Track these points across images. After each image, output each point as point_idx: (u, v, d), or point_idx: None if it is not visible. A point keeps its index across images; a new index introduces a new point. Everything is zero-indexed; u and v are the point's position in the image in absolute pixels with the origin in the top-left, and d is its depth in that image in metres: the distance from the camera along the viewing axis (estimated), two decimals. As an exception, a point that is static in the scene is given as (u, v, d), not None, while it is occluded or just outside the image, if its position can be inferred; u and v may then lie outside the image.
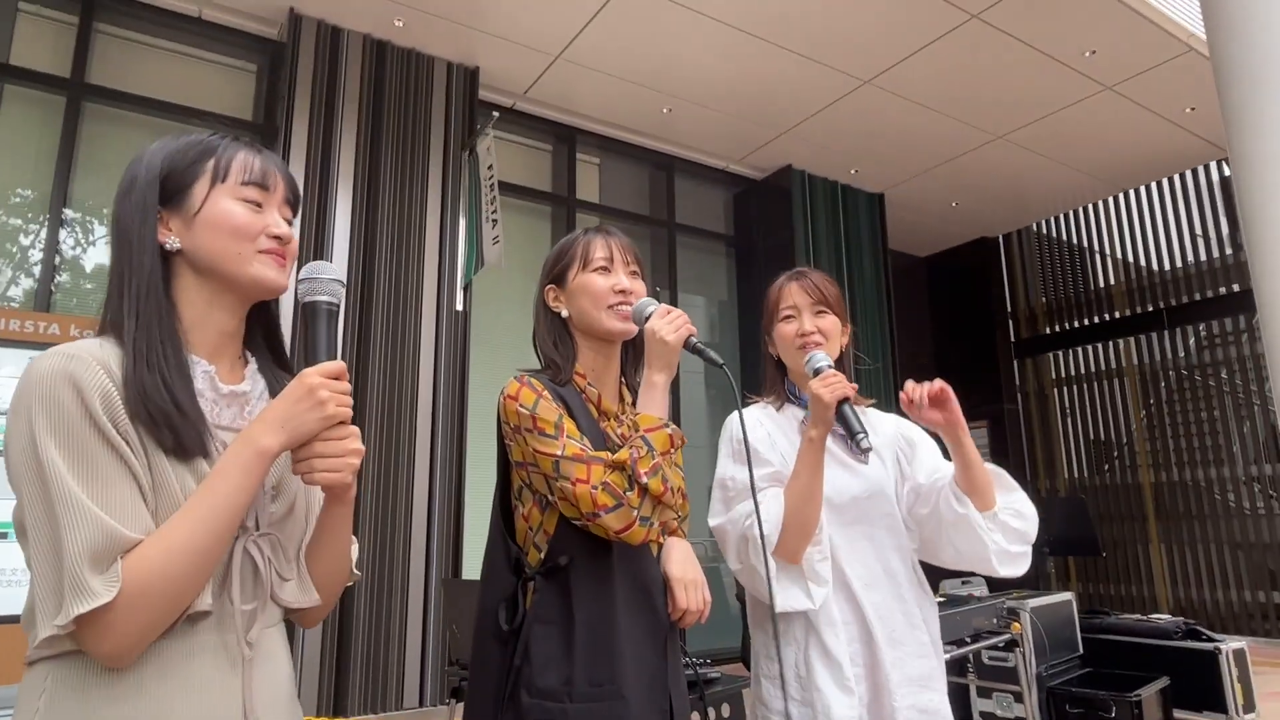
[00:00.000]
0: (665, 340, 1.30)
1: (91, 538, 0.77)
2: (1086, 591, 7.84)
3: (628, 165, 6.87)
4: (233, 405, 0.96)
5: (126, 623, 0.78)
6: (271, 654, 0.94)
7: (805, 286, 1.66)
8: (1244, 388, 7.17)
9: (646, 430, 1.26)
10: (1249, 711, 4.05)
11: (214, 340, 0.96)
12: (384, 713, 4.63)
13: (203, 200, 0.94)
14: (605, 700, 1.18)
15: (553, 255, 1.45)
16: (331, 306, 0.96)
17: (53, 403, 0.80)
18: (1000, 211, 8.09)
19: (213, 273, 0.94)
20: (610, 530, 1.20)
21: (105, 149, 4.74)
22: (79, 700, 0.80)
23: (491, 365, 5.57)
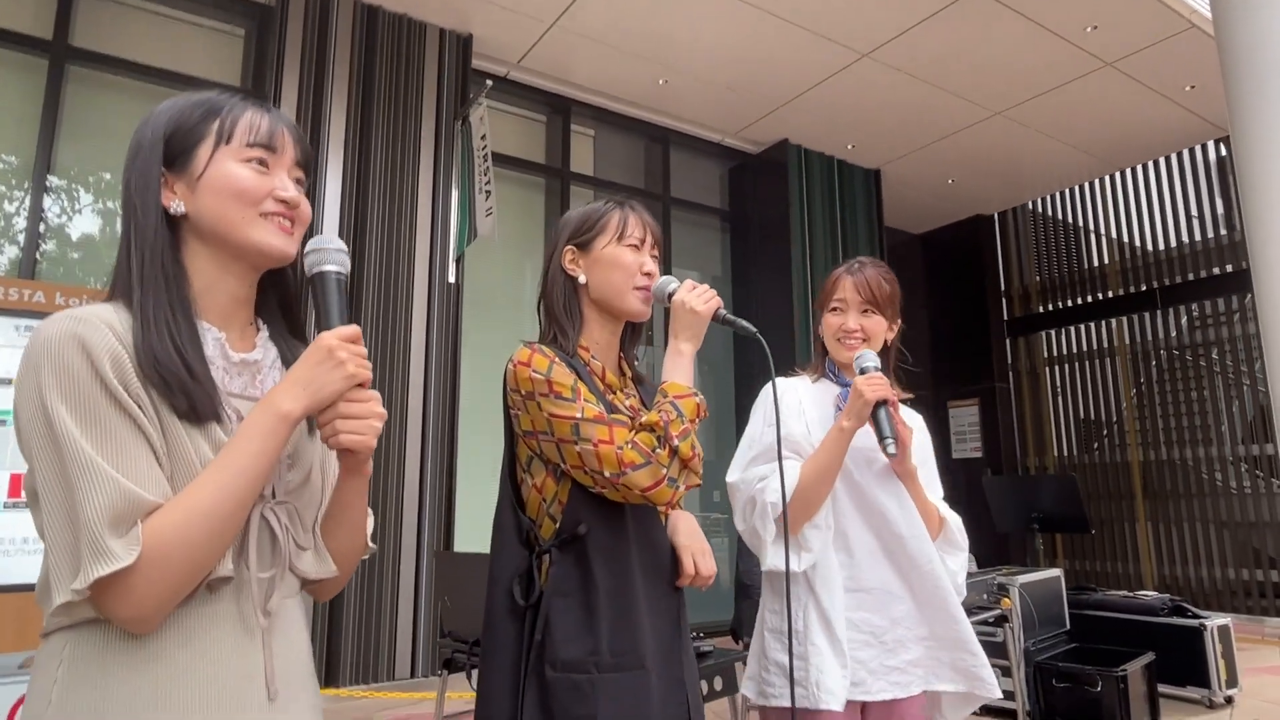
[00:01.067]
0: (695, 310, 1.32)
1: (110, 501, 0.75)
2: (1074, 568, 7.93)
3: (622, 137, 6.79)
4: (244, 373, 0.94)
5: (148, 587, 0.76)
6: (290, 625, 0.92)
7: (858, 283, 1.71)
8: (1234, 368, 7.21)
9: (676, 397, 1.26)
10: (1232, 686, 4.11)
11: (225, 307, 0.94)
12: (375, 683, 4.65)
13: (206, 162, 0.91)
14: (629, 670, 1.19)
15: (578, 218, 1.40)
16: (340, 276, 0.95)
17: (62, 366, 0.78)
18: (996, 189, 8.06)
19: (217, 238, 0.91)
20: (638, 487, 1.18)
21: (90, 114, 4.64)
22: (98, 669, 0.79)
23: (484, 337, 5.54)
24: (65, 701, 0.78)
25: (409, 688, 4.67)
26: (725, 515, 6.77)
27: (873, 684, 1.56)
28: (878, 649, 1.58)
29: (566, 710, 1.14)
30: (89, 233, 4.65)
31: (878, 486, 1.65)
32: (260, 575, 0.87)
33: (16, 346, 3.20)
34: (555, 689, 1.15)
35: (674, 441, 1.20)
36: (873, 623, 1.59)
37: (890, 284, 1.75)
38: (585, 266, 1.37)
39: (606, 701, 1.15)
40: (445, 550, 4.87)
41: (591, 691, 1.15)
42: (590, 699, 1.15)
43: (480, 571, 2.65)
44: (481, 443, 5.29)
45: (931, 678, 1.62)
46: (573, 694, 1.15)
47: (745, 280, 7.09)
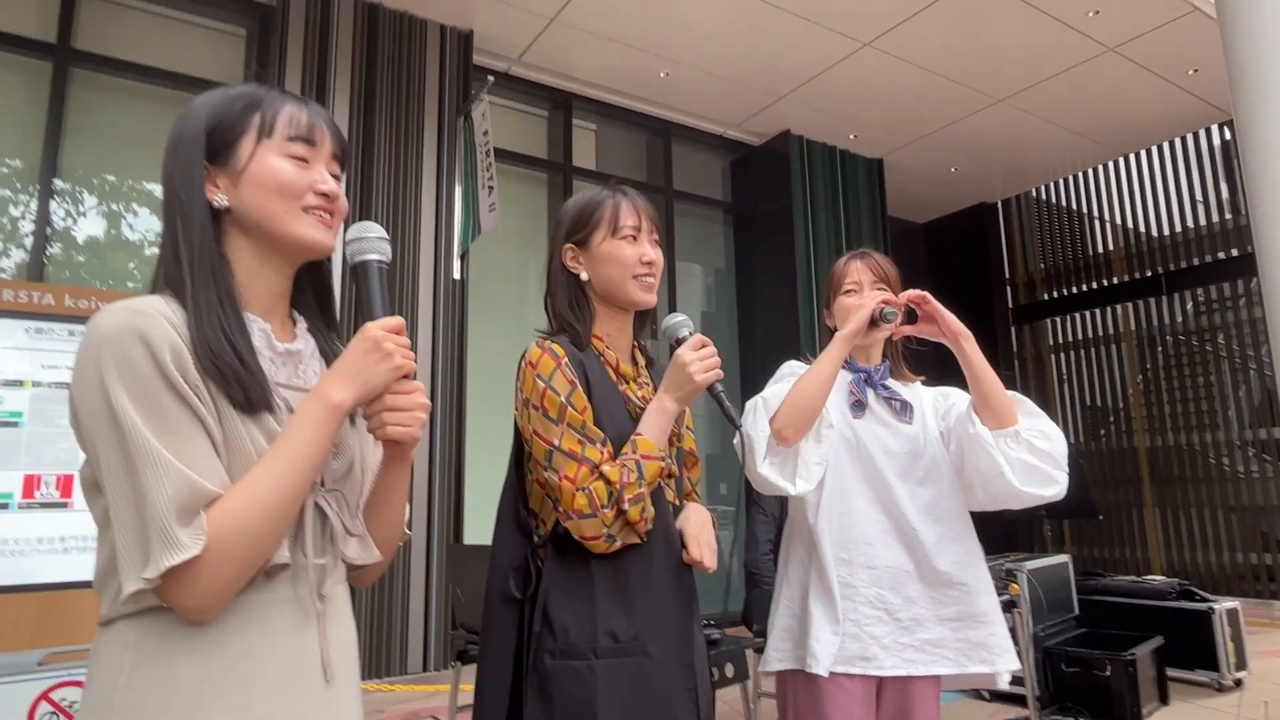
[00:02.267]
0: (693, 377, 1.30)
1: (176, 491, 0.77)
2: (1082, 554, 7.93)
3: (624, 131, 6.79)
4: (288, 364, 0.95)
5: (212, 576, 0.78)
6: (341, 609, 0.94)
7: (869, 265, 1.80)
8: (1240, 352, 7.19)
9: (643, 456, 1.25)
10: (1241, 669, 4.12)
11: (266, 299, 0.95)
12: (388, 677, 4.69)
13: (249, 157, 0.92)
14: (631, 655, 1.20)
15: (572, 214, 1.40)
16: (382, 265, 0.96)
17: (123, 358, 0.79)
18: (1000, 177, 8.04)
19: (259, 231, 0.93)
20: (578, 533, 1.22)
21: (94, 117, 4.66)
22: (164, 656, 0.80)
23: (490, 333, 5.56)
24: (134, 688, 0.79)
25: (422, 681, 4.71)
26: (733, 507, 6.79)
27: (885, 660, 1.58)
28: (891, 625, 1.60)
29: (566, 695, 1.16)
30: (95, 235, 4.67)
31: (895, 476, 1.66)
32: (316, 561, 0.89)
33: (25, 349, 3.22)
34: (555, 676, 1.17)
35: (624, 505, 1.21)
36: (887, 600, 1.60)
37: (894, 267, 1.85)
38: (586, 263, 1.39)
39: (605, 686, 1.17)
40: (455, 543, 4.90)
41: (590, 676, 1.17)
42: (589, 683, 1.16)
43: (491, 564, 2.68)
44: (489, 436, 5.32)
45: (950, 660, 1.62)
46: (571, 680, 1.17)
47: (749, 272, 7.09)
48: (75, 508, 3.18)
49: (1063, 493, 1.60)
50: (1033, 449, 1.58)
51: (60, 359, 3.25)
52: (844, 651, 1.57)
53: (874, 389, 1.75)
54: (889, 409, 1.73)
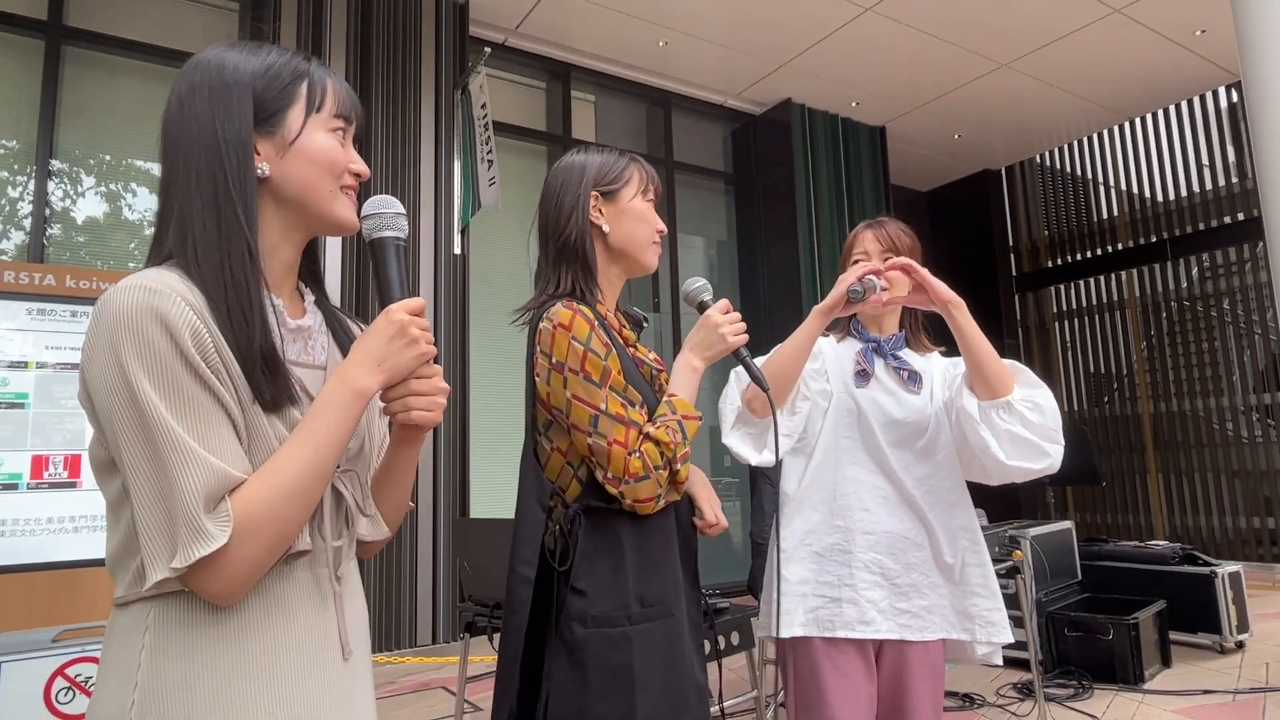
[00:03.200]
0: (725, 338, 1.34)
1: (204, 480, 0.76)
2: (1085, 521, 7.97)
3: (624, 102, 6.72)
4: (298, 340, 0.94)
5: (238, 563, 0.77)
6: (354, 588, 0.95)
7: (878, 235, 1.76)
8: (1245, 317, 7.16)
9: (684, 417, 1.27)
10: (1243, 632, 4.15)
11: (279, 273, 0.93)
12: (399, 650, 4.75)
13: (300, 128, 0.89)
14: (659, 619, 1.22)
15: (597, 166, 1.36)
16: (399, 241, 0.95)
17: (143, 340, 0.77)
18: (1003, 143, 7.96)
19: (296, 205, 0.91)
20: (634, 497, 1.20)
21: (88, 96, 4.62)
22: (184, 641, 0.80)
23: (492, 307, 5.55)
24: (154, 671, 0.79)
25: (432, 653, 4.77)
26: (737, 479, 6.82)
27: (881, 623, 1.59)
28: (888, 590, 1.61)
29: (601, 662, 1.16)
30: (94, 216, 4.66)
31: (895, 444, 1.66)
32: (334, 544, 0.89)
33: (28, 330, 3.22)
34: (588, 645, 1.16)
35: (676, 465, 1.23)
36: (884, 564, 1.61)
37: (910, 237, 1.79)
38: (609, 216, 1.35)
39: (640, 650, 1.18)
40: (462, 517, 4.94)
41: (626, 643, 1.17)
42: (624, 649, 1.17)
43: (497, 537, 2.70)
44: (493, 411, 5.33)
45: (947, 625, 1.64)
46: (607, 646, 1.17)
47: (751, 243, 7.05)
48: (84, 487, 3.20)
49: (1055, 465, 1.56)
50: (1025, 421, 1.55)
51: (63, 340, 3.25)
52: (842, 616, 1.58)
53: (883, 358, 1.74)
54: (896, 378, 1.72)
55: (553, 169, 1.41)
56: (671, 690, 1.21)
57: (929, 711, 1.62)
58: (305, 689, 0.84)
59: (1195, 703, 3.42)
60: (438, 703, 3.83)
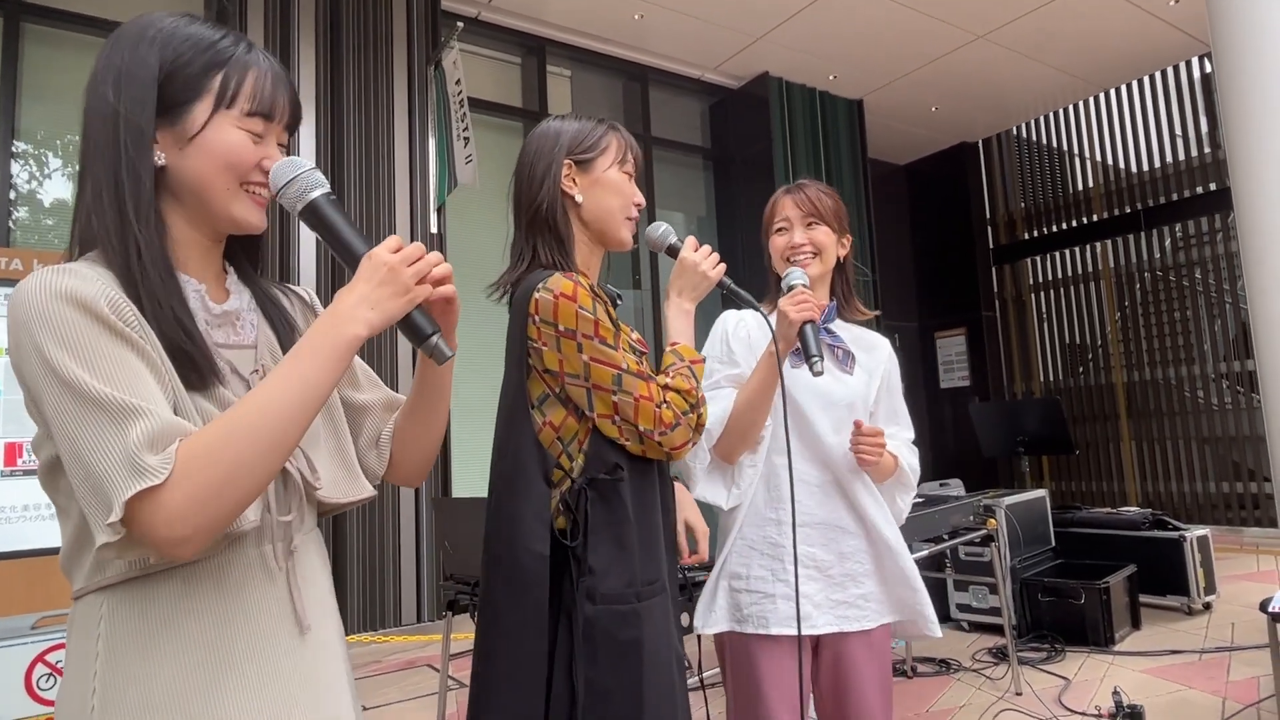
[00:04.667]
0: (706, 275, 1.38)
1: (141, 427, 0.72)
2: (1059, 489, 8.12)
3: (600, 77, 6.66)
4: (225, 324, 0.91)
5: (186, 501, 0.72)
6: (308, 559, 0.92)
7: (798, 200, 1.67)
8: (1217, 287, 7.27)
9: (692, 362, 1.30)
10: (1210, 594, 4.27)
11: (198, 258, 0.90)
12: (383, 629, 4.77)
13: (203, 124, 0.85)
14: (658, 595, 1.24)
15: (573, 133, 1.32)
16: (329, 195, 0.88)
17: (55, 318, 0.74)
18: (980, 115, 7.97)
19: (194, 200, 0.88)
20: (671, 445, 1.22)
21: (50, 75, 4.51)
22: (138, 624, 0.79)
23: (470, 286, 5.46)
24: (112, 662, 0.78)
25: (416, 631, 4.80)
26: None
27: (818, 618, 1.55)
28: (823, 583, 1.56)
29: (613, 638, 1.16)
30: (61, 198, 4.57)
31: (829, 429, 1.61)
32: (280, 519, 0.88)
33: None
34: (599, 621, 1.16)
35: (700, 409, 1.26)
36: (817, 557, 1.56)
37: (831, 198, 1.69)
38: (583, 186, 1.31)
39: (648, 625, 1.19)
40: (443, 496, 4.94)
41: (636, 619, 1.18)
42: (633, 625, 1.18)
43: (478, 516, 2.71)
44: (473, 389, 5.32)
45: (885, 611, 1.62)
46: (618, 622, 1.17)
47: (730, 219, 7.04)
48: (59, 473, 3.18)
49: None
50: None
51: (33, 325, 3.21)
52: (777, 613, 1.52)
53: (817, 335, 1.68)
54: (831, 357, 1.64)
55: (529, 135, 1.38)
56: (668, 662, 1.23)
57: (874, 693, 1.58)
58: (259, 666, 0.84)
59: (1163, 663, 3.52)
60: (423, 680, 3.86)
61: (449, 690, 3.09)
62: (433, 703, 3.23)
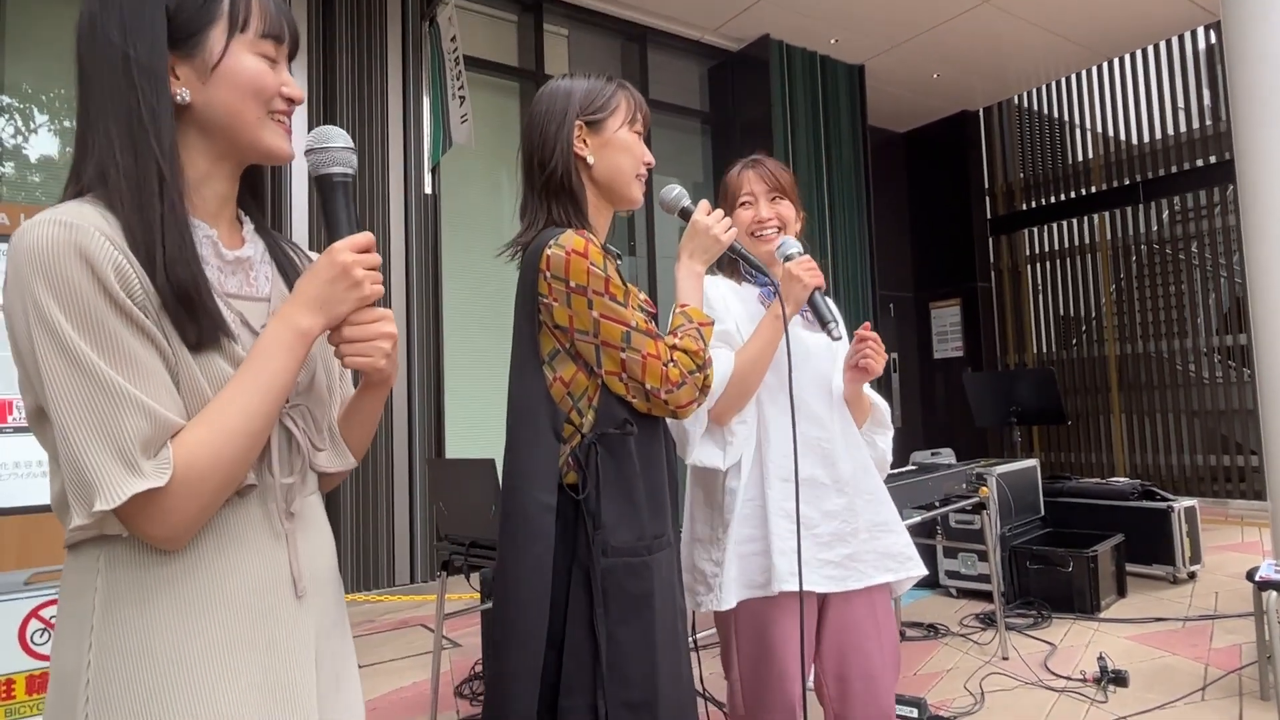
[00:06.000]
0: (719, 239, 1.41)
1: (139, 424, 0.73)
2: (1050, 459, 8.19)
3: (598, 37, 6.54)
4: (238, 272, 0.89)
5: (181, 506, 0.75)
6: (312, 523, 0.93)
7: (762, 174, 1.70)
8: (1213, 261, 7.27)
9: (701, 324, 1.32)
10: (1195, 563, 4.33)
11: (214, 203, 0.89)
12: (377, 590, 4.81)
13: (222, 51, 0.83)
14: (665, 549, 1.26)
15: (582, 93, 1.32)
16: (346, 178, 0.90)
17: (61, 280, 0.72)
18: (981, 83, 7.88)
19: (223, 134, 0.86)
20: (677, 404, 1.24)
21: (35, 28, 4.39)
22: (137, 578, 0.78)
23: (465, 247, 5.47)
24: (109, 624, 0.77)
25: (410, 591, 4.84)
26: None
27: (808, 575, 1.54)
28: (810, 541, 1.56)
29: (625, 590, 1.19)
30: (49, 154, 4.49)
31: (808, 381, 1.63)
32: (283, 481, 0.87)
33: (-15, 270, 3.14)
34: (612, 574, 1.19)
35: (707, 370, 1.27)
36: (803, 514, 1.56)
37: (789, 173, 1.75)
38: (594, 147, 1.32)
39: (657, 578, 1.22)
40: (437, 458, 4.95)
41: (646, 571, 1.21)
42: (645, 578, 1.20)
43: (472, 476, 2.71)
44: (467, 350, 5.31)
45: (875, 571, 1.63)
46: (630, 576, 1.20)
47: (727, 184, 6.97)
48: (50, 430, 3.16)
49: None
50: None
51: (21, 280, 3.17)
52: (774, 570, 1.53)
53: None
54: (800, 318, 1.68)
55: (537, 95, 1.37)
56: (675, 615, 1.27)
57: (876, 652, 1.61)
58: (255, 627, 0.83)
59: (1147, 630, 3.58)
60: (417, 639, 3.90)
61: (443, 649, 3.12)
62: (427, 661, 3.26)
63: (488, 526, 2.58)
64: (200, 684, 0.79)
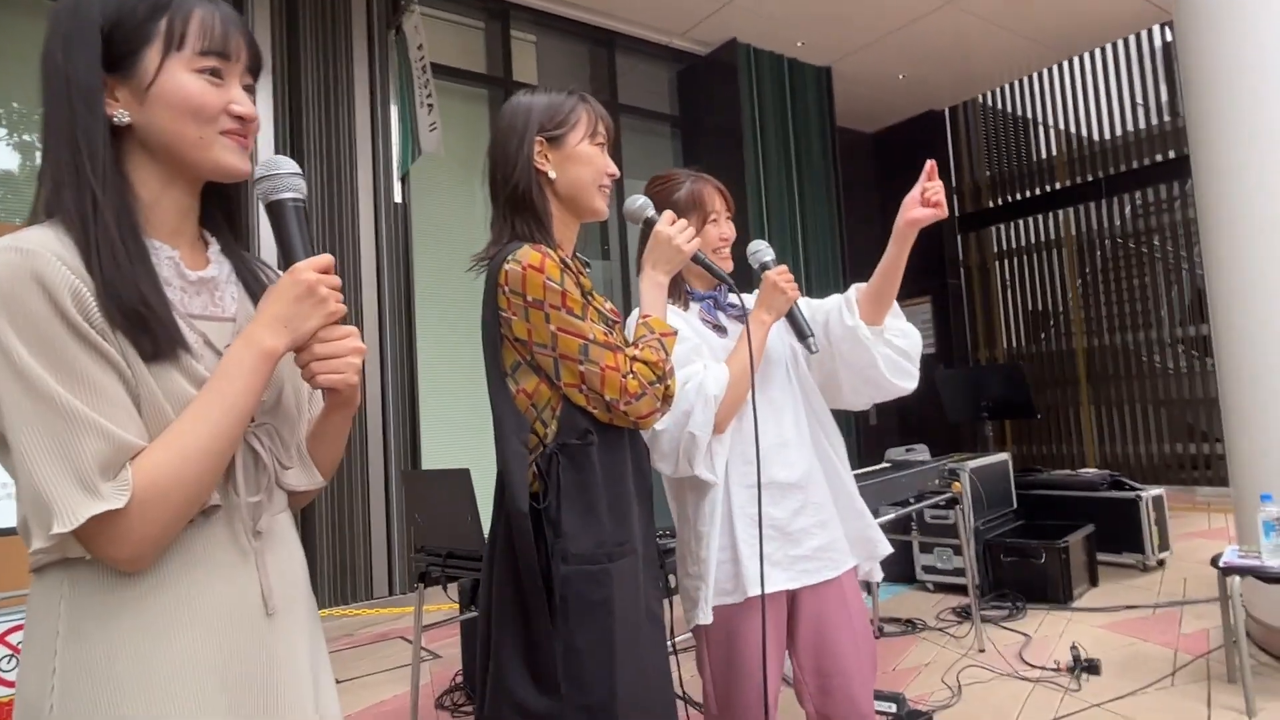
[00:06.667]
0: (680, 249, 1.42)
1: (96, 447, 0.73)
2: (1021, 452, 8.30)
3: (566, 43, 6.55)
4: (202, 292, 0.89)
5: (142, 528, 0.75)
6: (282, 540, 0.92)
7: (722, 193, 1.73)
8: (1175, 253, 7.42)
9: (662, 335, 1.34)
10: (1164, 550, 4.42)
11: (172, 221, 0.88)
12: (355, 603, 4.76)
13: (155, 71, 0.82)
14: (627, 556, 1.27)
15: (543, 108, 1.34)
16: (298, 203, 0.91)
17: (16, 305, 0.72)
18: (947, 83, 7.99)
19: (167, 154, 0.85)
20: (636, 415, 1.25)
21: (13, 42, 4.32)
22: (101, 601, 0.77)
23: (436, 256, 5.44)
24: (73, 647, 0.77)
25: (388, 604, 4.79)
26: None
27: (778, 576, 1.58)
28: (780, 541, 1.60)
29: (584, 597, 1.20)
30: (8, 168, 4.40)
31: (775, 382, 1.67)
32: (249, 500, 0.87)
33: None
34: (571, 581, 1.20)
35: (667, 380, 1.29)
36: (772, 516, 1.59)
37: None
38: (555, 162, 1.34)
39: (617, 585, 1.23)
40: (413, 470, 4.92)
41: (606, 579, 1.22)
42: (604, 584, 1.22)
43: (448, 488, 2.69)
44: (441, 361, 5.28)
45: (844, 557, 1.66)
46: (589, 583, 1.21)
47: (699, 187, 7.00)
48: (14, 452, 3.10)
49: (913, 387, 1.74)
50: (895, 346, 1.69)
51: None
52: (742, 576, 1.55)
53: (722, 310, 1.73)
54: (740, 325, 1.69)
55: (500, 111, 1.39)
56: (637, 620, 1.27)
57: (849, 643, 1.63)
58: (223, 647, 0.82)
59: (1119, 618, 3.64)
60: (395, 652, 3.87)
61: (422, 661, 3.10)
62: (406, 674, 3.23)
63: (465, 537, 2.57)
64: (166, 705, 0.78)
